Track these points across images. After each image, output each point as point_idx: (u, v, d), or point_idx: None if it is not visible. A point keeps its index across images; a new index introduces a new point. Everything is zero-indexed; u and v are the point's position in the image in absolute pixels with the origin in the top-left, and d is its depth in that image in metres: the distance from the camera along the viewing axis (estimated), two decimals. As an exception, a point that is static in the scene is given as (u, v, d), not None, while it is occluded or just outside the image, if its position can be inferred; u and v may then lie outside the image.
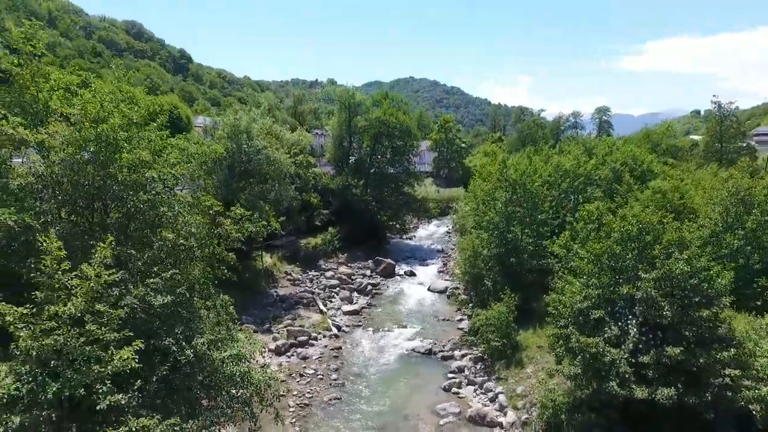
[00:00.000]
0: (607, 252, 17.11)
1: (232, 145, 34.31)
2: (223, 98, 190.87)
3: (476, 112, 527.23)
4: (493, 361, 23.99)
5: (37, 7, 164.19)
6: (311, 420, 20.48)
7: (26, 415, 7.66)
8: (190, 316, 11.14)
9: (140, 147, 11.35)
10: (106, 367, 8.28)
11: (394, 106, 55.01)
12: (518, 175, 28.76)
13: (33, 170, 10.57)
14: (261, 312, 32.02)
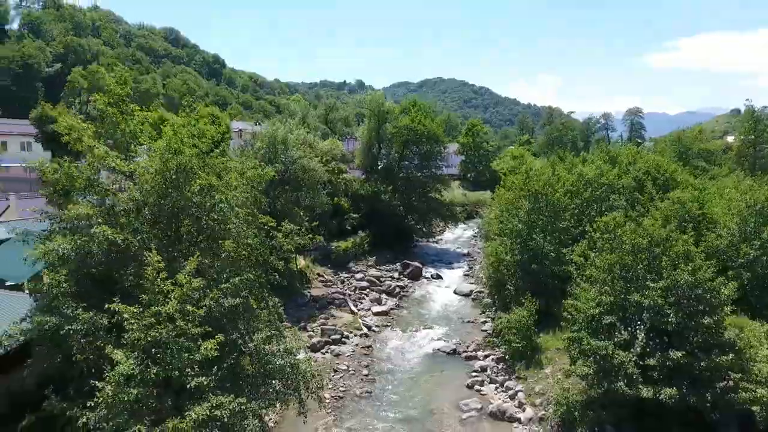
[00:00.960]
0: (619, 262, 18.54)
1: (270, 155, 36.81)
2: (255, 101, 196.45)
3: (505, 113, 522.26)
4: (514, 361, 25.55)
5: (82, 17, 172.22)
6: (345, 411, 22.52)
7: (138, 389, 9.96)
8: (250, 316, 13.33)
9: (208, 173, 13.63)
10: (194, 355, 10.51)
11: (421, 113, 56.81)
12: (540, 186, 30.14)
13: (130, 195, 12.93)
14: (296, 311, 34.26)
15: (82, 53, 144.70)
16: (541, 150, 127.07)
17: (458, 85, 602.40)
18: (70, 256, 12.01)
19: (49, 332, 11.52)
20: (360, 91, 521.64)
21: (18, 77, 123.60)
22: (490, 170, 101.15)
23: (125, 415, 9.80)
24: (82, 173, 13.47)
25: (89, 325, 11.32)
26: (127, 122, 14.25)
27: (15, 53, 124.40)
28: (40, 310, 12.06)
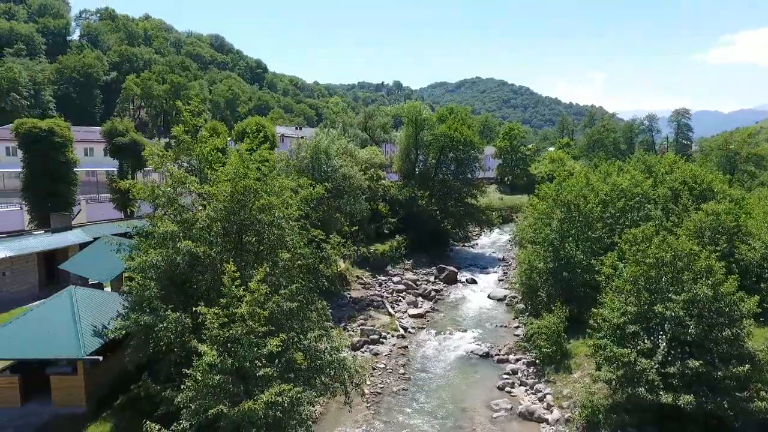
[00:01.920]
0: (644, 275, 19.61)
1: (313, 164, 39.21)
2: (296, 105, 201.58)
3: (545, 112, 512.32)
4: (544, 365, 26.74)
5: (135, 27, 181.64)
6: (383, 406, 24.39)
7: (218, 377, 12.18)
8: (303, 317, 15.42)
9: (268, 192, 15.83)
10: (261, 350, 12.64)
11: (458, 120, 58.17)
12: (573, 196, 31.09)
13: (207, 214, 15.28)
14: (337, 312, 36.38)
15: (135, 61, 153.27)
16: (582, 153, 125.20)
17: (497, 84, 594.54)
18: (161, 265, 14.46)
19: (144, 328, 13.98)
20: (398, 91, 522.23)
21: (79, 85, 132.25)
22: (527, 174, 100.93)
23: (210, 397, 12.03)
24: (164, 193, 15.96)
25: (176, 323, 13.70)
26: (200, 148, 16.67)
27: (76, 63, 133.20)
28: (134, 309, 14.56)
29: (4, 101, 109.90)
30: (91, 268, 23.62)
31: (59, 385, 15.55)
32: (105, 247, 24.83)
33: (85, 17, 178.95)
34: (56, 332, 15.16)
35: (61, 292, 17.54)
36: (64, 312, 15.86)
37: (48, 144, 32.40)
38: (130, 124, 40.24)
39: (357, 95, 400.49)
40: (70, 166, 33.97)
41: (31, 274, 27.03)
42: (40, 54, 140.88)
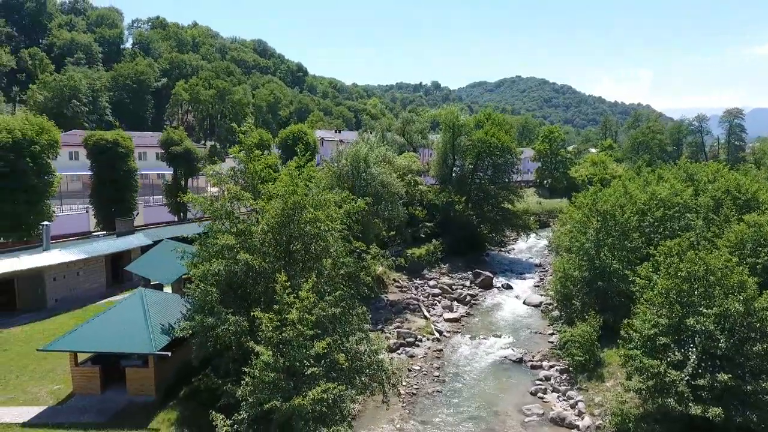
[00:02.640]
0: (676, 288, 20.00)
1: (353, 171, 40.84)
2: (335, 107, 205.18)
3: (588, 112, 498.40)
4: (577, 373, 27.26)
5: (183, 34, 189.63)
6: (417, 406, 25.61)
7: (273, 374, 13.80)
8: (346, 321, 16.89)
9: (315, 206, 17.41)
10: (309, 351, 14.18)
11: (495, 126, 58.53)
12: (609, 206, 31.30)
13: (262, 228, 17.02)
14: (375, 314, 37.69)
15: (184, 68, 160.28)
16: (625, 155, 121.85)
17: (538, 83, 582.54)
18: (222, 273, 16.28)
19: (206, 328, 15.81)
20: (436, 92, 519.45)
21: (132, 91, 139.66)
22: (567, 177, 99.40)
23: (265, 392, 13.67)
24: (222, 206, 17.84)
25: (235, 325, 15.44)
26: (254, 165, 18.46)
27: (130, 71, 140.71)
28: (198, 311, 16.44)
29: (66, 108, 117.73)
30: (153, 271, 26.00)
31: (133, 376, 17.70)
32: (165, 250, 27.26)
33: (137, 26, 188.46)
34: (130, 329, 17.26)
35: (133, 293, 19.76)
36: (137, 311, 17.98)
37: (113, 154, 35.46)
38: (183, 134, 43.14)
39: (395, 96, 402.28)
40: (132, 174, 37.00)
41: (100, 274, 29.89)
42: (98, 62, 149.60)
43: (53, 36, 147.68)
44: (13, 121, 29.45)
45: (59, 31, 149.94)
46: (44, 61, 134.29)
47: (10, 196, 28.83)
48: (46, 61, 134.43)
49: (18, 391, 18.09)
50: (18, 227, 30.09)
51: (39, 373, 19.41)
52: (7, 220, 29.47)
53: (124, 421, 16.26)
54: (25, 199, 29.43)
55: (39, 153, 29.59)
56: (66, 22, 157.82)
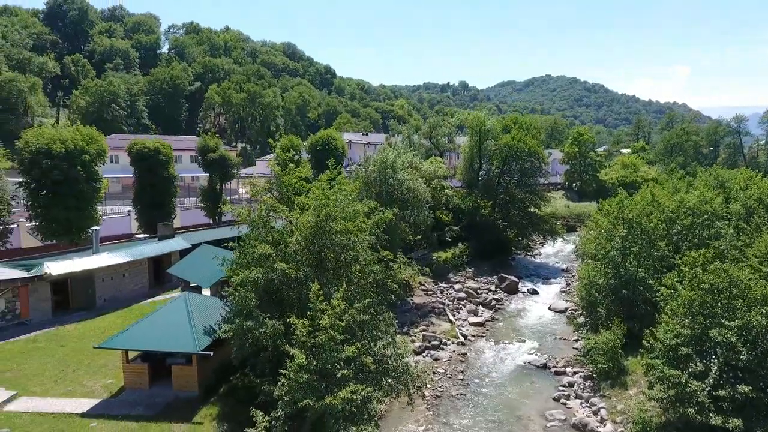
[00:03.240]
0: (698, 299, 20.26)
1: (380, 177, 41.87)
2: (362, 109, 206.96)
3: (621, 111, 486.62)
4: (600, 380, 27.58)
5: (216, 38, 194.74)
6: (441, 408, 26.43)
7: (306, 376, 14.98)
8: (373, 326, 17.92)
9: (345, 217, 18.51)
10: (340, 354, 15.28)
11: (522, 130, 58.66)
12: (635, 214, 31.37)
13: (297, 239, 18.25)
14: (401, 317, 38.65)
15: (216, 72, 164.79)
16: (658, 157, 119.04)
17: (568, 82, 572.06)
18: (260, 281, 17.56)
19: (246, 331, 17.12)
20: (463, 92, 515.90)
21: (167, 95, 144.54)
22: (597, 180, 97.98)
23: (300, 392, 14.83)
24: (260, 217, 19.16)
25: (272, 329, 16.68)
26: (288, 178, 19.72)
27: (165, 75, 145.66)
28: (237, 315, 17.78)
29: (105, 112, 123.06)
30: (193, 273, 27.66)
31: (178, 373, 19.19)
32: (204, 254, 28.95)
33: (173, 32, 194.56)
34: (176, 330, 18.73)
35: (177, 297, 21.32)
36: (181, 314, 19.46)
37: (154, 161, 37.58)
38: (219, 141, 45.10)
39: (422, 96, 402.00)
40: (171, 180, 39.08)
41: (143, 276, 31.87)
42: (135, 67, 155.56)
43: (94, 43, 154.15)
44: (66, 133, 31.67)
45: (99, 38, 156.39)
46: (86, 67, 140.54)
47: (62, 202, 31.02)
48: (88, 67, 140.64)
49: (75, 384, 19.85)
50: (69, 231, 32.30)
51: (93, 368, 21.17)
52: (60, 224, 31.70)
53: (170, 415, 17.74)
54: (75, 204, 31.58)
55: (89, 161, 31.74)
56: (106, 29, 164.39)
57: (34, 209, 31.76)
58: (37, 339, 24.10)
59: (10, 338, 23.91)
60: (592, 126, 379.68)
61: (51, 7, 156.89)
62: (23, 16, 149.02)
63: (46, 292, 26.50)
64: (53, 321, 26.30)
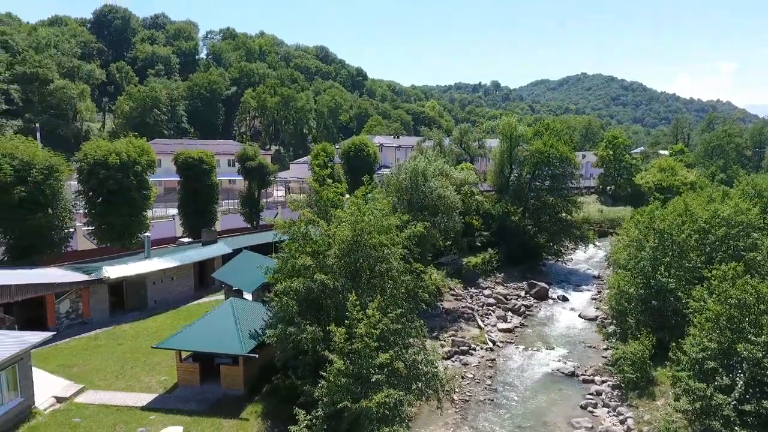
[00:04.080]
0: (725, 314, 20.59)
1: (412, 184, 43.02)
2: (393, 111, 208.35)
3: (660, 110, 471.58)
4: (628, 390, 27.93)
5: (251, 43, 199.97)
6: (469, 412, 27.37)
7: (344, 379, 16.34)
8: (405, 334, 19.14)
9: (379, 231, 19.80)
10: (374, 361, 16.56)
11: (554, 136, 58.65)
12: (666, 225, 31.44)
13: (334, 253, 19.66)
14: (431, 321, 39.61)
15: (252, 76, 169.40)
16: (697, 160, 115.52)
17: (604, 81, 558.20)
18: (301, 290, 19.07)
19: (288, 336, 18.63)
20: (495, 92, 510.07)
21: (205, 100, 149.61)
22: (632, 184, 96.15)
23: (338, 394, 16.20)
24: (299, 229, 20.70)
25: (312, 335, 18.13)
26: (326, 193, 21.18)
27: (203, 80, 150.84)
28: (280, 321, 19.32)
29: (148, 116, 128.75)
30: (236, 278, 29.51)
31: (226, 373, 20.91)
32: (246, 260, 30.85)
33: (211, 37, 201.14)
34: (224, 333, 20.45)
35: (224, 302, 23.12)
36: (228, 318, 21.17)
37: (198, 170, 39.93)
38: (257, 149, 47.25)
39: (453, 97, 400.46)
40: (214, 188, 41.38)
41: (190, 279, 34.09)
42: (175, 73, 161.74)
43: (137, 50, 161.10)
44: (120, 145, 34.16)
45: (142, 45, 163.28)
46: (129, 74, 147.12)
47: (116, 209, 33.52)
48: (131, 73, 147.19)
49: (134, 380, 21.86)
50: (122, 235, 34.80)
51: (149, 365, 23.18)
52: (114, 229, 34.22)
53: (219, 411, 19.45)
54: (128, 211, 34.02)
55: (140, 171, 34.16)
56: (148, 36, 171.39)
57: (90, 215, 34.38)
58: (98, 337, 26.42)
59: (75, 335, 26.31)
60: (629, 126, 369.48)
61: (97, 16, 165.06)
62: (72, 25, 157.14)
63: (105, 294, 28.90)
64: (111, 320, 28.67)
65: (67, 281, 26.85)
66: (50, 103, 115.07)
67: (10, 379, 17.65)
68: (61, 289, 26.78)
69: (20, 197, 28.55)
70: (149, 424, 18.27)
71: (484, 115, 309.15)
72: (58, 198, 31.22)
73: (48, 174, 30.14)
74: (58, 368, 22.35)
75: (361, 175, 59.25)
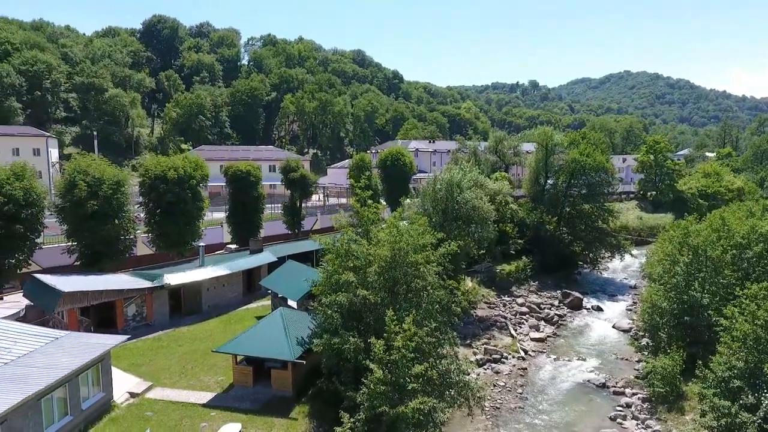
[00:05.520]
0: (753, 334, 21.20)
1: (447, 195, 44.45)
2: (429, 113, 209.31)
3: (709, 108, 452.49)
4: (657, 403, 28.55)
5: (291, 49, 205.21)
6: (500, 419, 28.66)
7: (383, 387, 18.21)
8: (439, 345, 20.82)
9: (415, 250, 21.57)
10: (410, 370, 18.33)
11: (590, 146, 58.72)
12: (700, 241, 31.69)
13: (375, 270, 21.55)
14: (464, 329, 40.95)
15: (291, 82, 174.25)
16: (746, 165, 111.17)
17: (649, 78, 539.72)
18: (344, 304, 21.13)
19: (333, 346, 20.66)
20: (533, 92, 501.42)
21: (246, 105, 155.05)
22: (674, 190, 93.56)
23: (378, 400, 18.04)
24: (342, 246, 22.72)
25: (354, 346, 20.08)
26: (367, 212, 23.13)
27: (245, 87, 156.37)
28: (325, 331, 21.38)
29: (193, 122, 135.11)
30: (282, 287, 31.84)
31: (276, 376, 23.14)
32: (291, 270, 33.25)
33: (252, 44, 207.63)
34: (274, 340, 22.69)
35: (274, 312, 25.46)
36: (278, 326, 23.41)
37: (246, 183, 42.82)
38: (300, 161, 49.87)
39: (490, 97, 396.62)
40: (260, 199, 44.21)
41: (239, 286, 36.88)
42: (219, 80, 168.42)
43: (183, 58, 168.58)
44: (177, 161, 37.25)
45: (188, 53, 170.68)
46: (176, 82, 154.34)
47: (173, 220, 36.59)
48: (178, 81, 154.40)
49: (195, 379, 24.42)
50: (178, 243, 37.90)
51: (206, 366, 25.73)
52: (171, 237, 37.34)
53: (271, 410, 21.66)
54: (184, 221, 37.06)
55: (195, 185, 37.14)
56: (193, 44, 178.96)
57: (150, 225, 37.64)
58: (160, 338, 29.33)
59: (141, 336, 29.28)
60: (675, 125, 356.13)
61: (147, 27, 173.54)
62: (124, 36, 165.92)
63: (165, 299, 31.90)
64: (170, 323, 31.60)
65: (134, 287, 29.93)
66: (105, 111, 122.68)
67: (95, 377, 20.40)
68: (129, 294, 29.88)
69: (92, 210, 31.83)
70: (210, 420, 20.65)
71: (521, 115, 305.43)
72: (124, 210, 34.47)
73: (116, 189, 33.37)
74: (129, 366, 25.22)
75: (398, 183, 61.80)
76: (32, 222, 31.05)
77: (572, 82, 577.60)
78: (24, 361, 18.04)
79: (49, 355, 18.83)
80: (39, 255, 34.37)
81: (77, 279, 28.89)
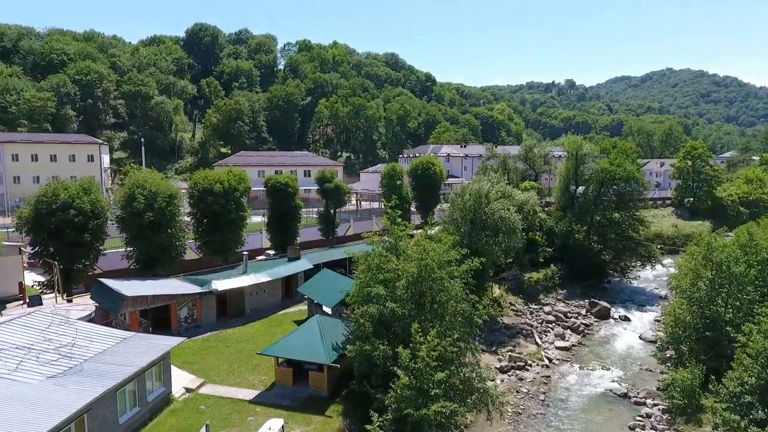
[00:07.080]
0: (765, 352, 22.15)
1: (475, 205, 46.04)
2: (461, 116, 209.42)
3: (759, 107, 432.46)
4: (676, 415, 29.47)
5: (325, 54, 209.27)
6: (521, 424, 30.19)
7: (408, 392, 20.32)
8: (461, 354, 22.74)
9: (440, 266, 23.59)
10: (434, 377, 20.36)
11: (621, 155, 58.92)
12: (724, 257, 32.24)
13: (402, 285, 23.68)
14: (490, 335, 42.50)
15: (325, 87, 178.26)
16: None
17: (693, 76, 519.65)
18: (375, 314, 23.31)
19: (364, 352, 22.93)
20: (570, 91, 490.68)
21: (282, 110, 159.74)
22: (712, 197, 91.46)
23: (404, 404, 20.16)
24: (374, 260, 24.98)
25: (383, 353, 22.27)
26: (397, 230, 25.31)
27: (281, 92, 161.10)
28: (358, 339, 23.67)
29: (232, 128, 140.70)
30: (319, 294, 34.38)
31: (313, 377, 25.62)
32: (326, 278, 35.77)
33: (288, 49, 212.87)
34: (312, 345, 25.15)
35: (311, 319, 28.00)
36: (315, 332, 25.89)
37: (284, 194, 45.77)
38: (335, 172, 52.56)
39: (524, 98, 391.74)
40: (297, 208, 47.09)
41: (278, 291, 39.76)
42: (256, 85, 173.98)
43: (223, 64, 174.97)
44: (223, 174, 40.45)
45: (228, 60, 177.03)
46: (217, 88, 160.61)
47: (219, 229, 39.78)
48: (219, 87, 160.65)
49: (241, 378, 27.18)
50: (222, 250, 41.09)
51: (251, 366, 28.47)
52: (216, 245, 40.55)
53: (308, 408, 24.12)
54: (228, 230, 40.21)
55: (239, 197, 40.22)
56: (232, 51, 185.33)
57: (197, 233, 40.96)
58: (209, 339, 32.36)
59: (192, 337, 32.35)
60: (720, 125, 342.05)
61: (189, 35, 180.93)
62: (168, 44, 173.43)
63: (213, 303, 35.01)
64: (217, 326, 34.65)
65: (187, 292, 33.11)
66: (150, 117, 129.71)
67: (157, 373, 23.34)
68: (182, 298, 33.08)
69: (149, 220, 35.21)
70: (256, 415, 23.25)
71: (556, 116, 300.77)
72: (176, 220, 37.81)
73: (169, 201, 36.69)
74: (183, 364, 28.21)
75: (428, 191, 63.66)
76: (98, 231, 34.71)
77: (611, 81, 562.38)
78: (101, 358, 21.09)
79: (121, 354, 21.84)
80: (100, 260, 38.12)
81: (137, 284, 32.26)
